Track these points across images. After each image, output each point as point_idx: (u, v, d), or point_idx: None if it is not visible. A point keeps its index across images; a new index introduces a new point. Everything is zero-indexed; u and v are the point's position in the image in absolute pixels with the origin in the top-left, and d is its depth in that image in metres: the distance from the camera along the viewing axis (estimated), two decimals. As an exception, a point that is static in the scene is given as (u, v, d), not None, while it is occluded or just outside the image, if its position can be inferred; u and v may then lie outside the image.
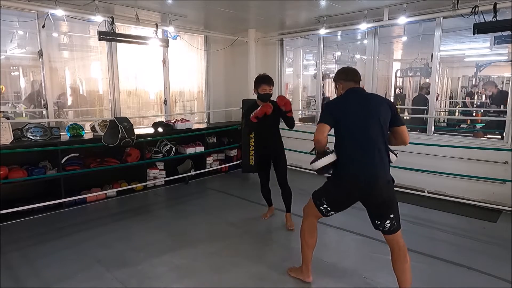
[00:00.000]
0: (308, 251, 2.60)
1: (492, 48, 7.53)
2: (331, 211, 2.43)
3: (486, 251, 3.26)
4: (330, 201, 2.39)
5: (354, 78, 2.45)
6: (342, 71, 2.53)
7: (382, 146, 2.25)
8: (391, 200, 2.29)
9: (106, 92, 5.46)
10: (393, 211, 2.30)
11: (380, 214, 2.30)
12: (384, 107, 2.29)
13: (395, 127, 2.31)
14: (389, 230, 2.32)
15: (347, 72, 2.49)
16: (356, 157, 2.25)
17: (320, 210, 2.44)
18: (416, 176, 4.86)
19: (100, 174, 4.71)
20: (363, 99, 2.35)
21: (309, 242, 2.57)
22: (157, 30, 5.04)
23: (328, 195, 2.40)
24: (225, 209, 4.36)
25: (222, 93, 6.86)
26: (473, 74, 9.65)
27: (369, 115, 2.26)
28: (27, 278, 2.76)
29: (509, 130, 4.33)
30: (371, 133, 2.23)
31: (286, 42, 6.75)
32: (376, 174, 2.22)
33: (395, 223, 2.30)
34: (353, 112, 2.29)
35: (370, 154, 2.23)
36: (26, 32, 5.05)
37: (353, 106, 2.31)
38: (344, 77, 2.47)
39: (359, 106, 2.30)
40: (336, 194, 2.38)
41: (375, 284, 2.66)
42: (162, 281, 2.71)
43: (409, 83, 9.59)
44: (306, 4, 4.56)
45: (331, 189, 2.40)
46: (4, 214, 3.63)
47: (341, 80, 2.47)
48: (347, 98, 2.38)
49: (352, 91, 2.40)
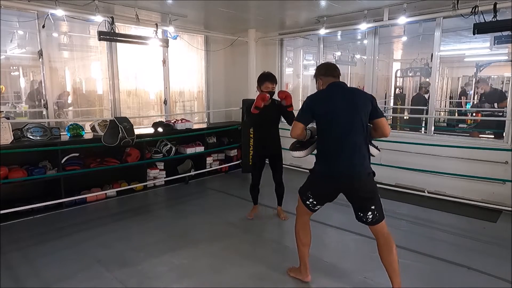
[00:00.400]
0: (304, 250, 2.62)
1: (492, 48, 7.53)
2: (317, 205, 2.49)
3: (486, 251, 3.26)
4: (315, 194, 2.45)
5: (333, 73, 2.50)
6: (321, 67, 2.60)
7: (362, 140, 2.31)
8: (372, 193, 2.34)
9: (106, 92, 5.46)
10: (374, 203, 2.33)
11: (361, 206, 2.35)
12: (365, 101, 2.34)
13: (375, 119, 2.35)
14: (372, 221, 2.36)
15: (326, 68, 2.55)
16: (336, 151, 2.31)
17: (307, 205, 2.50)
18: (416, 176, 4.86)
19: (100, 174, 4.71)
20: (344, 94, 2.39)
21: (304, 240, 2.60)
22: (157, 30, 5.04)
23: (313, 189, 2.47)
24: (225, 209, 4.36)
25: (222, 93, 6.86)
26: (473, 74, 9.65)
27: (350, 109, 2.31)
28: (27, 278, 2.76)
29: (509, 130, 4.33)
30: (352, 127, 2.28)
31: (286, 42, 6.75)
32: (356, 169, 2.28)
33: (377, 214, 2.34)
34: (334, 106, 2.33)
35: (350, 149, 2.28)
36: (26, 32, 5.05)
37: (334, 100, 2.36)
38: (323, 72, 2.53)
39: (340, 100, 2.34)
40: (319, 188, 2.45)
41: (375, 284, 2.66)
42: (162, 281, 2.71)
43: (409, 83, 9.60)
44: (306, 4, 4.56)
45: (314, 183, 2.47)
46: (4, 214, 3.63)
47: (321, 76, 2.53)
48: (329, 92, 2.43)
49: (334, 85, 2.44)
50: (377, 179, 5.47)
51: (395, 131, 7.12)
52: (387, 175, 5.00)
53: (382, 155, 4.99)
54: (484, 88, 7.03)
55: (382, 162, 4.84)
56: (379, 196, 2.39)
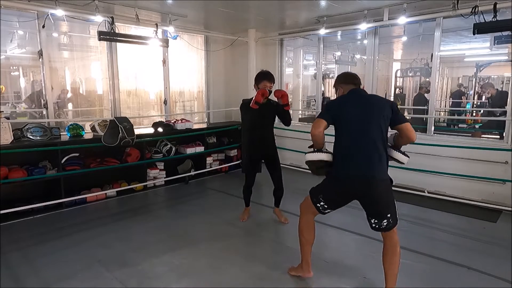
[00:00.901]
0: (307, 247, 2.62)
1: (492, 48, 7.53)
2: (327, 209, 2.46)
3: (486, 251, 3.26)
4: (327, 199, 2.43)
5: (353, 81, 2.52)
6: (341, 75, 2.62)
7: (380, 146, 2.27)
8: (388, 200, 2.31)
9: (106, 92, 5.46)
10: (390, 210, 2.32)
11: (377, 213, 2.33)
12: (385, 107, 2.32)
13: (398, 125, 2.32)
14: (385, 228, 2.35)
15: (346, 76, 2.58)
16: (353, 156, 2.29)
17: (317, 208, 2.48)
18: (416, 176, 4.86)
19: (100, 174, 4.71)
20: (363, 99, 2.40)
21: (308, 238, 2.60)
22: (157, 30, 5.04)
23: (326, 193, 2.44)
24: (225, 209, 4.36)
25: (222, 93, 6.87)
26: (473, 74, 9.66)
27: (369, 114, 2.29)
28: (27, 278, 2.76)
29: (509, 130, 4.33)
30: (370, 133, 2.26)
31: (286, 42, 6.75)
32: (372, 174, 2.25)
33: (391, 221, 2.33)
34: (353, 111, 2.32)
35: (368, 154, 2.25)
36: (26, 32, 5.05)
37: (353, 105, 2.36)
38: (343, 80, 2.55)
39: (360, 106, 2.34)
40: (333, 192, 2.43)
41: (375, 284, 2.66)
42: (162, 281, 2.71)
43: (409, 83, 9.60)
44: (306, 4, 4.56)
45: (329, 187, 2.45)
46: (4, 214, 3.63)
47: (341, 84, 2.55)
48: (348, 97, 2.44)
49: (353, 92, 2.45)
50: (377, 179, 5.37)
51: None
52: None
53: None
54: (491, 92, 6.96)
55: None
56: (395, 202, 2.36)
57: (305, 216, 2.60)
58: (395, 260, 2.39)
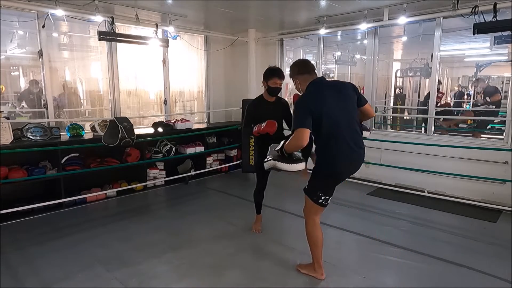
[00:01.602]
0: (318, 250, 2.65)
1: (492, 48, 7.53)
2: (328, 199, 2.54)
3: (486, 251, 3.26)
4: (326, 191, 2.50)
5: (306, 69, 2.49)
6: (293, 65, 2.57)
7: (357, 127, 2.45)
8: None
9: (106, 92, 5.46)
10: None
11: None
12: (350, 91, 2.45)
13: (361, 107, 2.50)
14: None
15: (299, 66, 2.53)
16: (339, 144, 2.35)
17: (320, 204, 2.51)
18: (416, 176, 4.86)
19: (100, 174, 4.71)
20: (332, 89, 2.43)
21: (317, 241, 2.62)
22: (157, 30, 5.04)
23: (323, 187, 2.49)
24: (225, 209, 4.36)
25: (222, 93, 6.86)
26: (473, 74, 9.66)
27: (341, 102, 2.39)
28: (27, 278, 2.76)
29: (509, 130, 4.33)
30: (348, 118, 2.38)
31: (286, 42, 6.75)
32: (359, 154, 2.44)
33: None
34: (328, 104, 2.34)
35: (351, 138, 2.37)
36: (26, 32, 5.05)
37: (325, 97, 2.36)
38: (296, 71, 2.51)
39: (331, 97, 2.37)
40: (329, 183, 2.50)
41: (375, 284, 2.66)
42: (162, 281, 2.71)
43: (409, 83, 9.60)
44: (306, 4, 4.56)
45: (324, 180, 2.49)
46: (4, 214, 3.63)
47: (296, 75, 2.52)
48: (316, 91, 2.40)
49: (317, 83, 2.43)
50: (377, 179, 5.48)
51: (395, 131, 7.13)
52: (387, 175, 5.01)
53: (382, 155, 5.04)
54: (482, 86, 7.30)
55: (382, 162, 4.84)
56: None
57: (310, 218, 2.61)
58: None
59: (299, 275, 2.79)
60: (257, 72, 6.43)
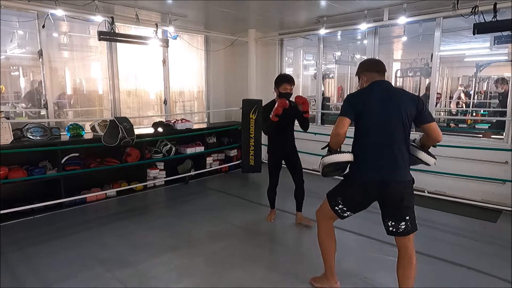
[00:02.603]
0: (330, 257, 2.47)
1: (492, 48, 7.53)
2: (347, 211, 2.32)
3: (486, 251, 3.26)
4: (346, 201, 2.30)
5: (376, 68, 2.30)
6: (364, 62, 2.42)
7: (402, 145, 2.16)
8: (408, 202, 2.18)
9: (106, 92, 5.46)
10: (409, 213, 2.19)
11: (395, 215, 2.19)
12: (409, 103, 2.16)
13: (424, 124, 2.19)
14: (403, 232, 2.20)
15: (369, 63, 2.40)
16: (374, 155, 2.17)
17: (335, 211, 2.34)
18: (416, 176, 4.79)
19: (100, 174, 4.71)
20: (386, 94, 2.20)
21: (330, 246, 2.46)
22: (157, 30, 5.04)
23: (344, 195, 2.31)
24: (225, 209, 4.36)
25: (222, 93, 6.86)
26: (473, 74, 9.66)
27: (391, 111, 2.14)
28: (27, 278, 2.76)
29: (509, 130, 4.33)
30: (392, 131, 2.13)
31: (286, 42, 6.75)
32: (394, 177, 2.14)
33: (409, 225, 2.19)
34: (375, 108, 2.17)
35: (388, 153, 2.14)
36: (26, 32, 5.04)
37: (375, 101, 2.18)
38: (366, 68, 2.34)
39: (381, 102, 2.17)
40: (352, 193, 2.28)
41: (375, 284, 2.66)
42: (162, 281, 2.71)
43: (409, 83, 9.60)
44: (306, 4, 4.56)
45: (347, 187, 2.31)
46: (4, 214, 3.62)
47: (364, 72, 2.34)
48: (370, 91, 2.24)
49: (376, 85, 2.25)
50: (377, 179, 5.35)
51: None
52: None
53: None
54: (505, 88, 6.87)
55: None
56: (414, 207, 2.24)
57: (323, 222, 2.45)
58: (409, 273, 2.20)
59: (299, 275, 2.79)
60: (257, 72, 6.43)
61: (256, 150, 5.05)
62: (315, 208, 2.79)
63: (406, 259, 2.22)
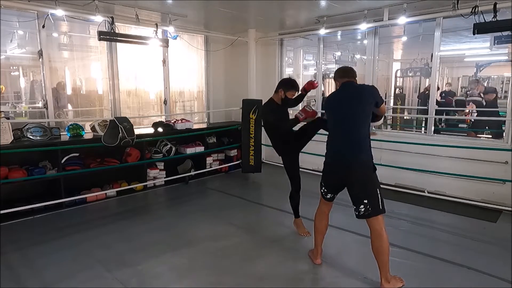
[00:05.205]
0: (318, 236, 2.91)
1: (492, 48, 7.54)
2: (328, 193, 2.75)
3: (486, 251, 3.26)
4: (325, 182, 2.75)
5: (347, 75, 2.74)
6: (337, 70, 2.87)
7: (358, 131, 2.53)
8: (365, 185, 2.51)
9: (106, 92, 5.46)
10: (368, 196, 2.49)
11: (354, 198, 2.55)
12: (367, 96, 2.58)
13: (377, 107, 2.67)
14: (364, 215, 2.51)
15: (340, 71, 2.82)
16: (335, 143, 2.64)
17: (321, 194, 2.80)
18: (416, 176, 4.86)
19: (100, 174, 4.71)
20: (347, 91, 2.66)
21: (318, 227, 2.89)
22: (157, 30, 5.04)
23: (323, 177, 2.77)
24: (225, 209, 4.36)
25: (222, 93, 6.86)
26: (473, 74, 9.66)
27: (350, 104, 2.58)
28: (27, 278, 2.76)
29: (509, 130, 4.33)
30: (349, 122, 2.55)
31: (286, 42, 6.75)
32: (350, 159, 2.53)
33: (369, 208, 2.48)
34: (337, 104, 2.69)
35: (344, 138, 2.57)
36: (26, 32, 5.05)
37: (339, 97, 2.71)
38: (338, 75, 2.79)
39: (344, 97, 2.65)
40: (326, 177, 2.75)
41: (375, 284, 2.65)
42: (162, 281, 2.71)
43: (409, 83, 9.60)
44: (306, 4, 4.56)
45: (323, 172, 2.77)
46: (4, 214, 3.63)
47: (338, 78, 2.78)
48: (337, 91, 2.75)
49: (343, 85, 2.71)
50: (377, 179, 5.35)
51: (395, 131, 7.13)
52: (387, 175, 5.00)
53: (382, 155, 5.03)
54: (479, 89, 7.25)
55: (382, 162, 4.84)
56: (378, 192, 2.51)
57: (319, 206, 2.89)
58: (381, 247, 2.49)
59: (300, 275, 2.79)
60: (257, 72, 6.43)
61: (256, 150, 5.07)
62: (315, 207, 2.81)
63: (375, 236, 2.51)
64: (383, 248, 2.49)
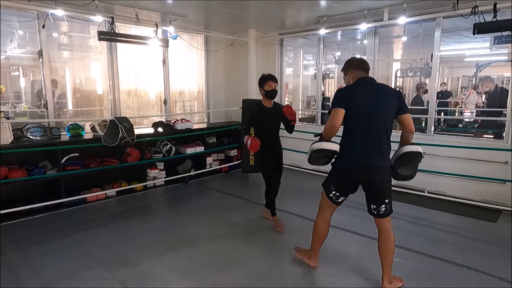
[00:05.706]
0: (319, 241, 2.78)
1: (492, 48, 7.54)
2: (340, 197, 2.58)
3: (486, 251, 3.26)
4: (337, 186, 2.56)
5: (363, 67, 2.56)
6: (351, 60, 2.66)
7: (383, 136, 2.42)
8: (386, 186, 2.48)
9: (106, 92, 5.46)
10: (388, 197, 2.48)
11: (376, 199, 2.47)
12: (391, 97, 2.44)
13: (399, 115, 2.45)
14: (383, 214, 2.49)
15: (357, 62, 2.63)
16: (357, 143, 2.44)
17: (330, 198, 2.60)
18: (416, 176, 4.84)
19: (100, 174, 4.71)
20: (371, 89, 2.48)
21: (322, 233, 2.75)
22: (157, 30, 5.04)
23: (334, 180, 2.58)
24: (225, 209, 4.36)
25: (222, 93, 6.87)
26: (473, 74, 9.66)
27: (375, 105, 2.40)
28: (27, 278, 2.76)
29: (509, 130, 4.33)
30: (375, 122, 2.39)
31: (286, 42, 6.75)
32: (374, 159, 2.41)
33: (388, 207, 2.49)
34: (361, 101, 2.43)
35: (370, 142, 2.41)
36: (26, 32, 5.05)
37: (361, 95, 2.44)
38: (353, 66, 2.58)
39: (367, 96, 2.43)
40: (340, 179, 2.56)
41: (375, 284, 2.66)
42: (162, 281, 2.71)
43: (409, 83, 9.61)
44: (306, 4, 4.56)
45: (336, 173, 2.58)
46: (4, 214, 3.63)
47: (351, 69, 2.57)
48: (357, 87, 2.50)
49: (362, 81, 2.51)
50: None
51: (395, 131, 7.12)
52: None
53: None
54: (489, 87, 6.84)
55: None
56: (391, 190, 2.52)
57: (321, 211, 2.73)
58: (389, 246, 2.51)
59: (300, 274, 2.79)
60: (257, 72, 6.42)
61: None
62: (315, 207, 2.81)
63: (386, 235, 2.51)
64: (390, 248, 2.50)
